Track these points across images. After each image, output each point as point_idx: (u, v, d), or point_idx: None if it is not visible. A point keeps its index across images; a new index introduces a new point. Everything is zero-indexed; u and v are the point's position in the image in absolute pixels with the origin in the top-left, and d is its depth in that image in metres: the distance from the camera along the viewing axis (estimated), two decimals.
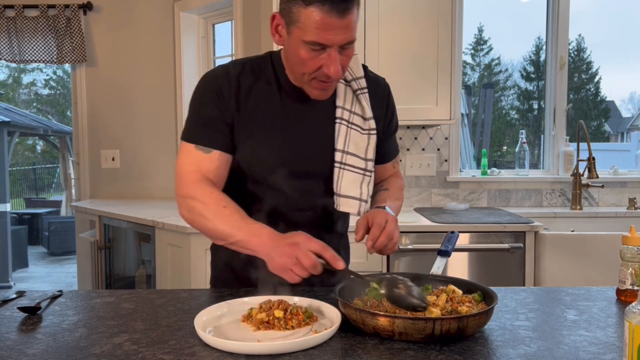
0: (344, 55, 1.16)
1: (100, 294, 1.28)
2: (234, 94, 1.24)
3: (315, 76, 1.18)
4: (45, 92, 20.60)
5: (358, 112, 1.30)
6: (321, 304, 1.11)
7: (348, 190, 1.29)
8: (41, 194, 14.12)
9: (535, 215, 2.81)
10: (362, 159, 1.30)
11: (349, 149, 1.29)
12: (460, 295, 1.09)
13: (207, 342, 0.94)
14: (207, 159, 1.24)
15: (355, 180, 1.29)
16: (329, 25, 1.10)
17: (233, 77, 1.25)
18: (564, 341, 0.97)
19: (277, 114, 1.27)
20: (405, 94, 2.68)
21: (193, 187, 1.22)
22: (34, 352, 0.92)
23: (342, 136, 1.28)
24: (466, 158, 4.20)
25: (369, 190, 1.31)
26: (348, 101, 1.30)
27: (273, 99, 1.27)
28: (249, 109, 1.25)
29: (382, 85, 1.39)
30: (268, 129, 1.26)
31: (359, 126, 1.30)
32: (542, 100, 3.29)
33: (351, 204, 1.29)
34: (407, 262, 2.44)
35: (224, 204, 1.19)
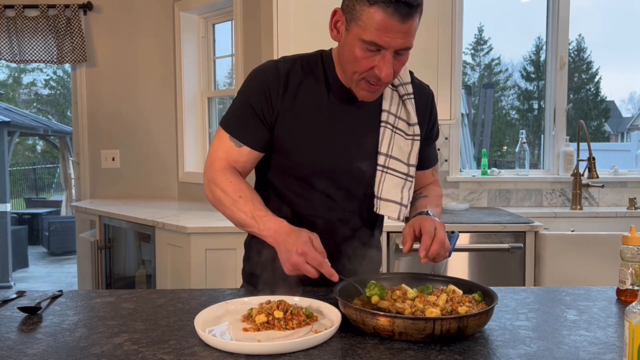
0: (397, 61, 1.16)
1: (101, 294, 1.28)
2: (282, 91, 1.25)
3: (365, 77, 1.18)
4: (46, 92, 20.61)
5: (403, 117, 1.30)
6: (321, 304, 1.11)
7: (389, 194, 1.29)
8: (41, 194, 14.12)
9: (535, 215, 2.81)
10: (405, 163, 1.30)
11: (392, 153, 1.29)
12: (461, 295, 1.09)
13: (207, 342, 0.94)
14: (237, 152, 1.27)
15: (397, 184, 1.29)
16: (389, 28, 1.10)
17: (282, 74, 1.26)
18: (564, 341, 0.97)
19: (323, 114, 1.27)
20: None
21: (218, 173, 1.27)
22: (34, 352, 0.92)
23: (387, 140, 1.29)
24: (466, 158, 4.20)
25: (409, 195, 1.31)
26: (394, 105, 1.30)
27: (321, 98, 1.27)
28: (296, 107, 1.26)
29: (427, 92, 1.39)
30: (313, 128, 1.27)
31: (403, 131, 1.30)
32: (542, 100, 3.29)
33: (392, 208, 1.29)
34: (407, 262, 2.44)
35: (240, 194, 1.23)
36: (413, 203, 1.37)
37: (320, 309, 1.10)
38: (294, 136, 1.27)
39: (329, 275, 1.11)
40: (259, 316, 1.01)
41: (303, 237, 1.13)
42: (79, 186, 3.62)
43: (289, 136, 1.27)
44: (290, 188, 1.32)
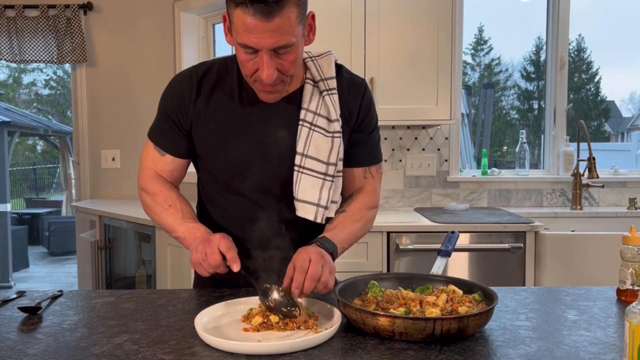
0: (282, 60, 1.11)
1: (101, 294, 1.28)
2: (194, 96, 1.25)
3: (256, 79, 1.15)
4: (46, 92, 20.61)
5: (323, 114, 1.24)
6: (321, 303, 1.11)
7: (306, 195, 1.24)
8: (41, 194, 14.12)
9: (535, 215, 2.81)
10: (322, 162, 1.24)
11: (308, 152, 1.23)
12: (461, 296, 1.09)
13: (208, 342, 0.94)
14: (161, 160, 1.32)
15: (314, 184, 1.24)
16: (254, 28, 1.06)
17: (195, 80, 1.26)
18: (565, 341, 0.97)
19: (236, 116, 1.25)
20: (406, 94, 2.68)
21: (147, 182, 1.33)
22: (34, 352, 0.92)
23: (303, 139, 1.23)
24: (466, 158, 4.20)
25: (329, 195, 1.25)
26: (314, 102, 1.25)
27: (234, 100, 1.25)
28: (209, 111, 1.25)
29: (357, 84, 1.33)
30: (226, 131, 1.25)
31: (323, 128, 1.24)
32: (543, 100, 3.29)
33: (308, 210, 1.24)
34: (407, 262, 2.44)
35: (170, 203, 1.29)
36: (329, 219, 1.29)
37: (321, 309, 1.10)
38: (209, 140, 1.26)
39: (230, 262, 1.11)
40: (255, 318, 1.01)
41: (214, 239, 1.14)
42: (79, 186, 3.62)
43: (204, 140, 1.27)
44: (216, 192, 1.32)
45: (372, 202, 1.36)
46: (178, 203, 1.28)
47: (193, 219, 1.27)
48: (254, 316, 1.03)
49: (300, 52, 1.15)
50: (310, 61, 1.28)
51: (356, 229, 1.30)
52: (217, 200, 1.33)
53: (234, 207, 1.30)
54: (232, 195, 1.29)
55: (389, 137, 3.04)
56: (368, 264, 2.42)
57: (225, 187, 1.30)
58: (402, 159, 3.06)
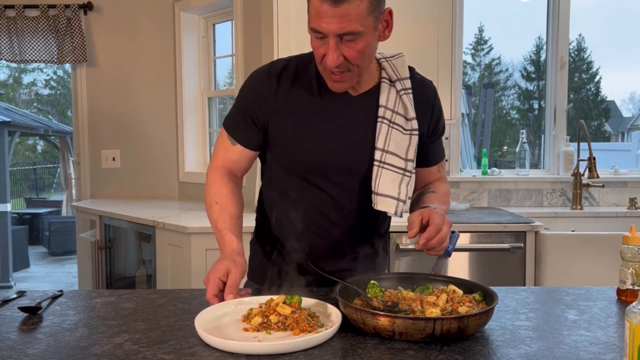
0: (348, 47, 1.14)
1: (101, 294, 1.28)
2: (274, 90, 1.28)
3: (325, 66, 1.18)
4: (46, 92, 20.62)
5: (401, 112, 1.29)
6: (321, 303, 1.11)
7: (386, 189, 1.28)
8: (42, 194, 14.13)
9: (535, 215, 2.81)
10: (402, 158, 1.29)
11: (389, 148, 1.28)
12: (461, 296, 1.09)
13: (208, 342, 0.94)
14: (231, 149, 1.34)
15: (394, 179, 1.28)
16: (323, 13, 1.10)
17: (275, 75, 1.29)
18: (565, 341, 0.97)
19: (316, 110, 1.28)
20: None
21: (211, 170, 1.36)
22: (34, 352, 0.92)
23: (383, 135, 1.28)
24: (467, 158, 4.20)
25: (407, 190, 1.29)
26: (391, 101, 1.29)
27: (314, 95, 1.28)
28: (289, 106, 1.28)
29: (429, 87, 1.38)
30: (306, 125, 1.28)
31: (401, 126, 1.29)
32: (543, 100, 3.29)
33: (389, 204, 1.28)
34: (407, 262, 2.44)
35: (217, 199, 1.31)
36: (420, 197, 1.35)
37: (321, 308, 1.10)
38: (288, 134, 1.29)
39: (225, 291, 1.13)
40: (255, 318, 1.01)
41: (221, 268, 1.15)
42: (79, 186, 3.62)
43: (283, 134, 1.29)
44: (290, 185, 1.33)
45: (449, 190, 1.46)
46: (225, 202, 1.30)
47: (229, 225, 1.27)
48: (253, 316, 1.03)
49: (370, 44, 1.17)
50: (385, 61, 1.33)
51: (446, 210, 1.35)
52: (289, 194, 1.33)
53: (308, 200, 1.31)
54: (307, 188, 1.31)
55: None
56: None
57: (301, 180, 1.31)
58: None
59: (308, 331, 1.00)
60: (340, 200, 1.31)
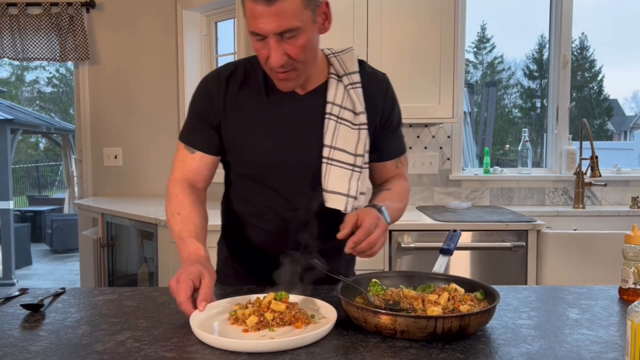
0: (290, 44, 1.13)
1: (103, 292, 1.28)
2: (222, 93, 1.28)
3: (270, 67, 1.18)
4: (48, 90, 20.64)
5: (348, 107, 1.28)
6: (308, 299, 1.11)
7: (335, 186, 1.26)
8: (44, 192, 14.15)
9: (537, 213, 2.81)
10: (350, 154, 1.27)
11: (336, 144, 1.26)
12: (462, 294, 1.09)
13: (207, 342, 0.93)
14: (190, 158, 1.32)
15: (343, 175, 1.27)
16: (258, 14, 1.10)
17: (223, 78, 1.29)
18: (566, 340, 0.97)
19: (264, 111, 1.28)
20: (408, 92, 2.68)
21: (170, 184, 1.33)
22: (36, 349, 0.93)
23: (331, 131, 1.26)
24: (469, 156, 4.20)
25: (358, 186, 1.28)
26: (339, 96, 1.28)
27: (261, 97, 1.28)
28: (238, 108, 1.29)
29: (380, 79, 1.36)
30: (255, 126, 1.28)
31: (349, 121, 1.27)
32: (545, 99, 3.28)
33: (338, 200, 1.26)
34: (408, 261, 2.44)
35: (179, 211, 1.26)
36: (375, 195, 1.34)
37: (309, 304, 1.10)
38: (238, 135, 1.29)
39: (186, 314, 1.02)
40: (250, 318, 0.99)
41: (193, 271, 1.07)
42: (81, 184, 3.63)
43: (233, 137, 1.30)
44: (245, 188, 1.34)
45: (408, 187, 1.42)
46: (188, 212, 1.26)
47: (194, 233, 1.21)
48: (247, 316, 1.01)
49: (311, 38, 1.16)
50: (332, 57, 1.32)
51: (400, 208, 1.34)
52: (246, 196, 1.35)
53: (262, 201, 1.32)
54: (260, 189, 1.31)
55: None
56: (370, 262, 2.42)
57: (254, 182, 1.32)
58: None
59: (308, 323, 1.01)
60: (294, 201, 1.29)
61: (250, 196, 1.34)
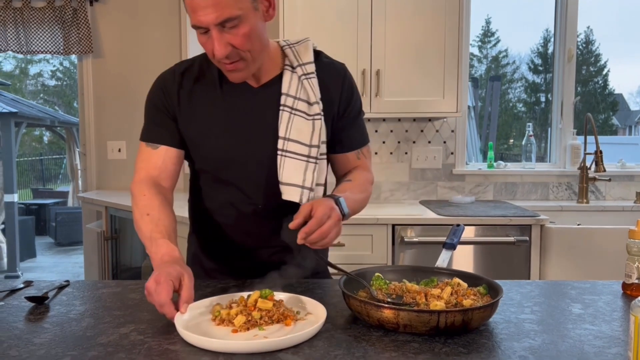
0: (232, 34, 1.12)
1: (107, 285, 1.29)
2: (176, 89, 1.28)
3: (216, 59, 1.17)
4: (52, 83, 20.66)
5: (303, 98, 1.26)
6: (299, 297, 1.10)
7: (290, 177, 1.25)
8: (48, 185, 14.20)
9: (541, 208, 2.80)
10: (305, 145, 1.25)
11: (290, 135, 1.25)
12: (465, 288, 1.09)
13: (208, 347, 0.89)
14: (154, 154, 1.30)
15: (298, 167, 1.25)
16: (196, 6, 1.09)
17: (178, 74, 1.29)
18: (569, 335, 0.97)
19: (219, 105, 1.27)
20: (412, 86, 2.67)
21: (134, 185, 1.28)
22: (41, 341, 0.93)
23: (284, 123, 1.25)
24: (472, 151, 4.18)
25: (314, 177, 1.26)
26: (293, 87, 1.27)
27: (216, 90, 1.28)
28: (192, 103, 1.28)
29: (337, 69, 1.34)
30: (210, 121, 1.27)
31: (303, 112, 1.26)
32: (550, 93, 3.27)
33: (293, 192, 1.25)
34: (412, 255, 2.44)
35: (149, 211, 1.21)
36: (336, 186, 1.34)
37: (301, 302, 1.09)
38: (194, 131, 1.28)
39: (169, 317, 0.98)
40: (237, 318, 0.97)
41: (172, 271, 1.02)
42: (85, 177, 3.64)
43: (190, 132, 1.29)
44: (205, 183, 1.34)
45: (370, 178, 1.39)
46: (157, 213, 1.20)
47: (166, 234, 1.17)
48: (233, 317, 0.99)
49: (254, 27, 1.15)
50: (287, 48, 1.31)
51: (362, 199, 1.32)
52: (206, 191, 1.35)
53: (222, 197, 1.32)
54: (219, 184, 1.31)
55: (394, 129, 3.03)
56: (373, 256, 2.42)
57: (213, 177, 1.32)
58: (408, 152, 3.05)
59: (296, 320, 1.01)
60: (253, 195, 1.29)
61: (210, 191, 1.34)
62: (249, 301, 1.03)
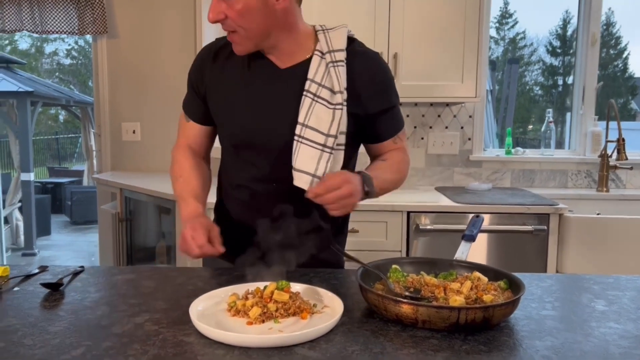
0: (228, 6, 1.16)
1: (122, 271, 1.28)
2: (210, 64, 1.32)
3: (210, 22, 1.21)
4: (67, 62, 20.72)
5: (327, 85, 1.24)
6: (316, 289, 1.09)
7: (303, 164, 1.24)
8: (64, 163, 14.33)
9: (559, 196, 2.75)
10: (322, 134, 1.23)
11: (309, 122, 1.23)
12: (486, 283, 1.06)
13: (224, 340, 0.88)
14: (187, 126, 1.41)
15: (313, 155, 1.23)
16: None
17: (214, 50, 1.33)
18: (593, 333, 0.94)
19: (246, 85, 1.29)
20: (430, 71, 2.62)
21: (174, 149, 1.42)
22: (56, 330, 0.93)
23: (305, 109, 1.24)
24: (489, 135, 4.12)
25: (327, 167, 1.24)
26: (319, 74, 1.25)
27: (243, 70, 1.30)
28: (223, 79, 1.32)
29: (371, 58, 1.31)
30: (236, 99, 1.30)
31: (326, 100, 1.24)
32: (568, 76, 3.19)
33: (304, 179, 1.23)
34: (425, 243, 2.41)
35: (181, 173, 1.36)
36: (370, 164, 1.35)
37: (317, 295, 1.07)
38: (220, 107, 1.32)
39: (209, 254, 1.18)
40: (253, 310, 0.96)
41: (204, 222, 1.21)
42: (100, 158, 3.64)
43: (217, 108, 1.33)
44: (228, 159, 1.39)
45: (405, 158, 1.38)
46: (188, 175, 1.35)
47: (194, 195, 1.31)
48: (248, 308, 0.97)
49: (250, 8, 1.16)
50: (321, 33, 1.29)
51: (393, 179, 1.33)
52: (227, 167, 1.40)
53: (240, 174, 1.35)
54: (239, 161, 1.34)
55: (411, 114, 2.98)
56: (387, 243, 2.40)
57: (234, 153, 1.35)
58: (424, 137, 3.01)
59: (312, 313, 0.99)
60: (267, 176, 1.30)
61: (231, 167, 1.38)
62: (265, 293, 1.01)
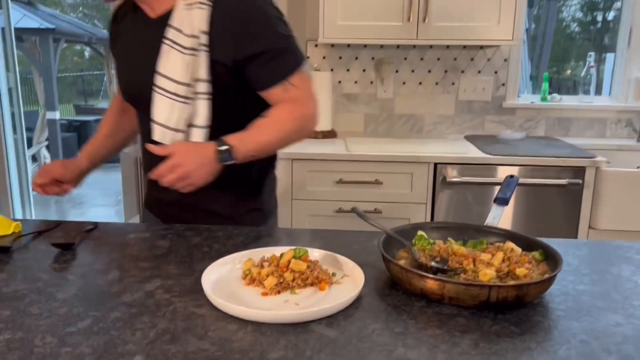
0: None
1: (136, 229, 1.24)
2: (112, 19, 1.34)
3: None
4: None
5: (185, 30, 1.14)
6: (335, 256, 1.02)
7: (157, 115, 1.18)
8: (89, 101, 14.38)
9: (596, 147, 2.60)
10: (173, 81, 1.15)
11: (164, 70, 1.16)
12: (519, 255, 0.98)
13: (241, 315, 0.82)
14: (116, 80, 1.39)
15: (166, 105, 1.16)
16: None
17: (116, 7, 1.34)
18: (636, 314, 0.86)
19: (128, 38, 1.28)
20: (464, 10, 2.43)
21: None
22: (63, 297, 0.89)
23: (163, 57, 1.16)
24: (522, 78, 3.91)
25: (180, 117, 1.16)
26: (178, 19, 1.16)
27: (129, 22, 1.28)
28: (114, 35, 1.34)
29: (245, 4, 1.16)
30: (120, 53, 1.31)
31: (181, 45, 1.15)
32: (608, 12, 2.95)
33: (160, 132, 1.18)
34: (452, 196, 2.32)
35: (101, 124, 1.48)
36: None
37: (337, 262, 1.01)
38: (115, 63, 1.33)
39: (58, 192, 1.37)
40: (268, 280, 0.90)
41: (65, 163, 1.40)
42: None
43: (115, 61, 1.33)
44: None
45: (299, 111, 1.20)
46: (101, 123, 1.47)
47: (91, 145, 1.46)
48: (264, 277, 0.92)
49: None
50: None
51: (274, 140, 1.19)
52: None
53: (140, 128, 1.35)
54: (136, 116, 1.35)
55: (442, 57, 2.81)
56: (412, 195, 2.32)
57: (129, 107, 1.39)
58: (455, 82, 2.85)
59: (330, 283, 0.93)
60: (148, 130, 1.21)
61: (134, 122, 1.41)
62: (281, 261, 0.95)
